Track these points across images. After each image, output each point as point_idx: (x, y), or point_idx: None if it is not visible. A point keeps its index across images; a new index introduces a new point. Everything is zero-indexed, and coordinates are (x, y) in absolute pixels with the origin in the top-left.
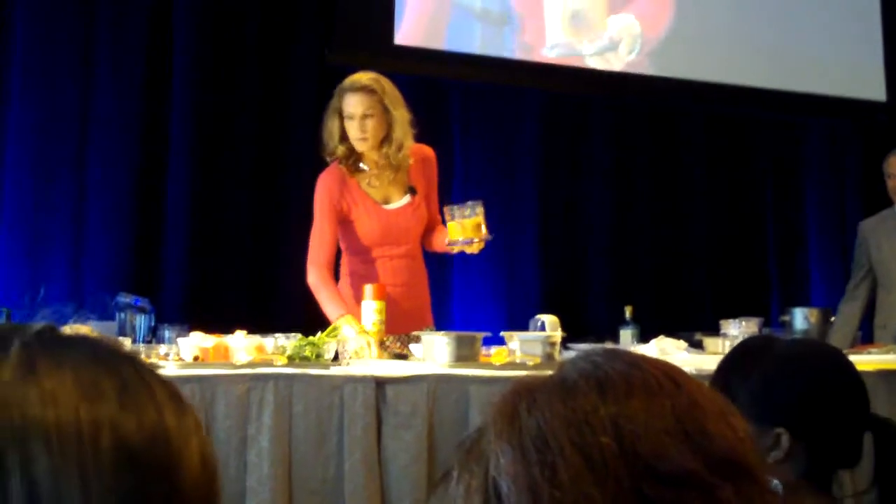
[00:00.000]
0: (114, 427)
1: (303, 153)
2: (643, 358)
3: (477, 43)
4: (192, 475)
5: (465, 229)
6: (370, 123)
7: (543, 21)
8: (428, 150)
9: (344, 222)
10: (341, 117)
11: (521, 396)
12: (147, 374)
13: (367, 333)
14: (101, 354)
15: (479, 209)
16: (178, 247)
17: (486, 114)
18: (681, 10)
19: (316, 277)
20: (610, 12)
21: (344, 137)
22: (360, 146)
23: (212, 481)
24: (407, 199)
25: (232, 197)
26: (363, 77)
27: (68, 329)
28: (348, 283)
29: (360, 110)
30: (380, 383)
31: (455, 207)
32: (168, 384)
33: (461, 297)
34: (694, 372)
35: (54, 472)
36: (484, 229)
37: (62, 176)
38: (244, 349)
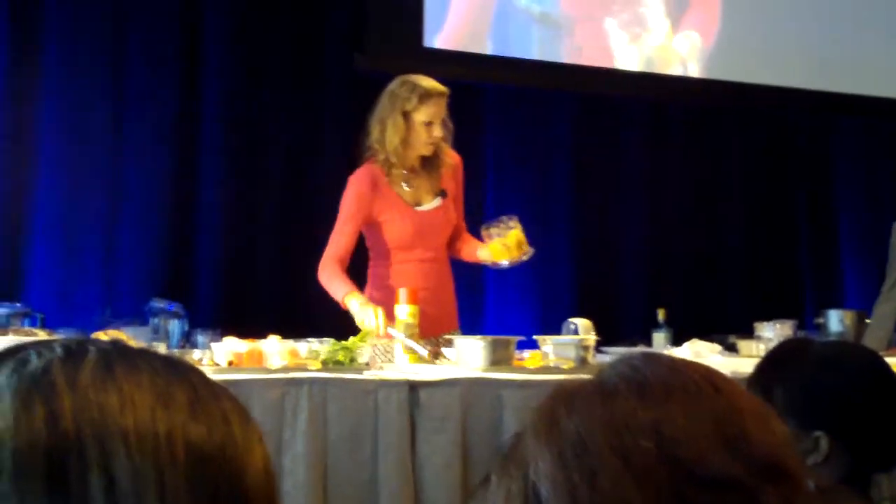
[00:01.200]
0: (187, 434)
1: (335, 157)
2: (682, 362)
3: (525, 47)
4: (257, 483)
5: (509, 249)
6: (441, 129)
7: (595, 26)
8: (456, 156)
9: (373, 225)
10: (405, 118)
11: (559, 401)
12: (212, 384)
13: (374, 306)
14: (171, 364)
15: (515, 223)
16: (211, 251)
17: (518, 116)
18: (727, 15)
19: (324, 267)
20: (669, 21)
21: (406, 140)
22: (427, 150)
23: (272, 490)
24: (438, 201)
25: (264, 201)
26: (436, 83)
27: (103, 335)
28: (375, 287)
29: (440, 116)
30: (413, 387)
31: (492, 226)
32: (230, 395)
33: (494, 299)
34: (729, 375)
35: (132, 472)
36: (526, 245)
37: (95, 182)
38: (278, 354)
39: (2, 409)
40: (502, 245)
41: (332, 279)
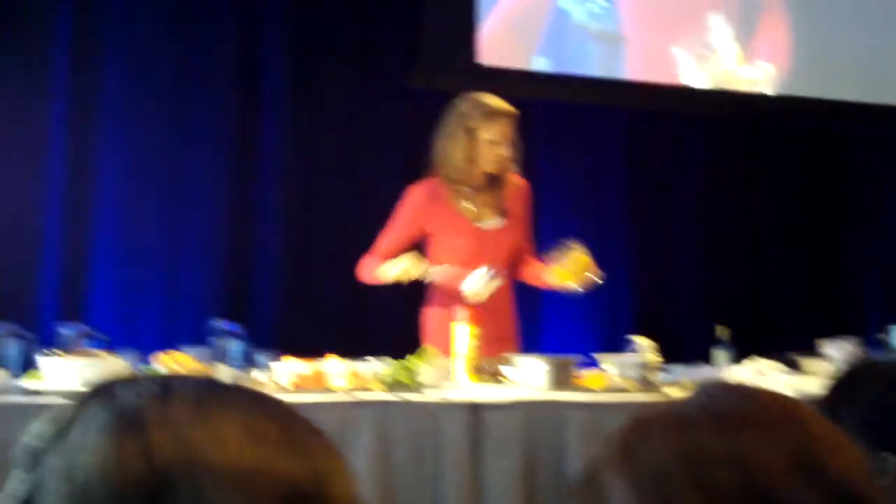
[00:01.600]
0: (278, 469)
1: (391, 174)
2: (759, 390)
3: (580, 64)
4: None
5: (576, 272)
6: (508, 149)
7: (655, 45)
8: (522, 180)
9: (430, 239)
10: (469, 135)
11: (636, 429)
12: (300, 418)
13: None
14: (260, 399)
15: (578, 246)
16: (268, 271)
17: (572, 134)
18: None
19: (366, 263)
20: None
21: (469, 157)
22: (492, 168)
23: None
24: (501, 220)
25: (321, 219)
26: (504, 103)
27: (165, 356)
28: (434, 306)
29: (506, 136)
30: (477, 408)
31: (558, 252)
32: (318, 429)
33: (547, 317)
34: (794, 394)
35: None
36: (593, 267)
37: (156, 204)
38: (341, 375)
39: (94, 445)
40: (568, 268)
41: (375, 268)
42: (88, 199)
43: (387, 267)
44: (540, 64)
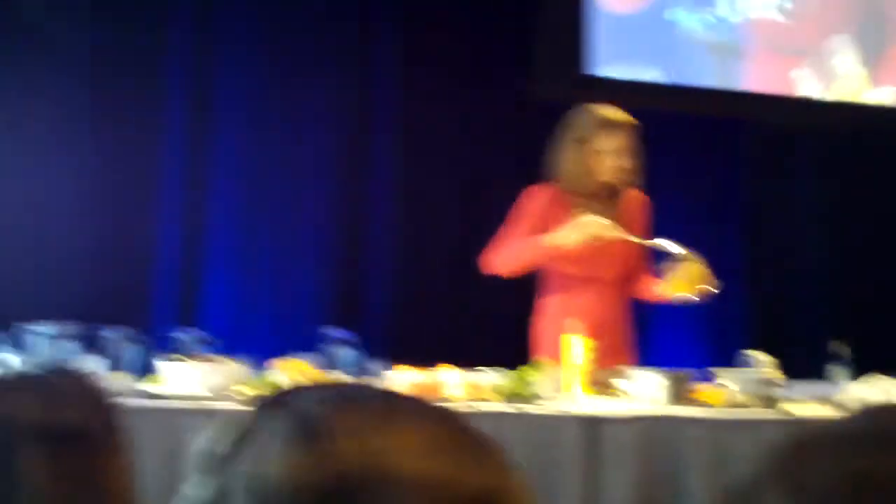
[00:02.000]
0: (463, 480)
1: (503, 183)
2: None
3: (696, 75)
4: None
5: (691, 282)
6: (626, 160)
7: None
8: (642, 194)
9: None
10: (583, 145)
11: (800, 449)
12: (477, 432)
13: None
14: (440, 412)
15: (693, 255)
16: (380, 279)
17: (685, 143)
18: None
19: (494, 251)
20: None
21: (583, 168)
22: (608, 178)
23: None
24: (619, 231)
25: (433, 227)
26: (620, 113)
27: (284, 363)
28: (546, 316)
29: (623, 146)
30: (595, 421)
31: (671, 261)
32: (493, 442)
33: (654, 330)
34: None
35: None
36: (709, 276)
37: (268, 211)
38: (457, 385)
39: (279, 453)
40: (682, 278)
41: (512, 247)
42: (202, 206)
43: (534, 246)
44: (650, 75)
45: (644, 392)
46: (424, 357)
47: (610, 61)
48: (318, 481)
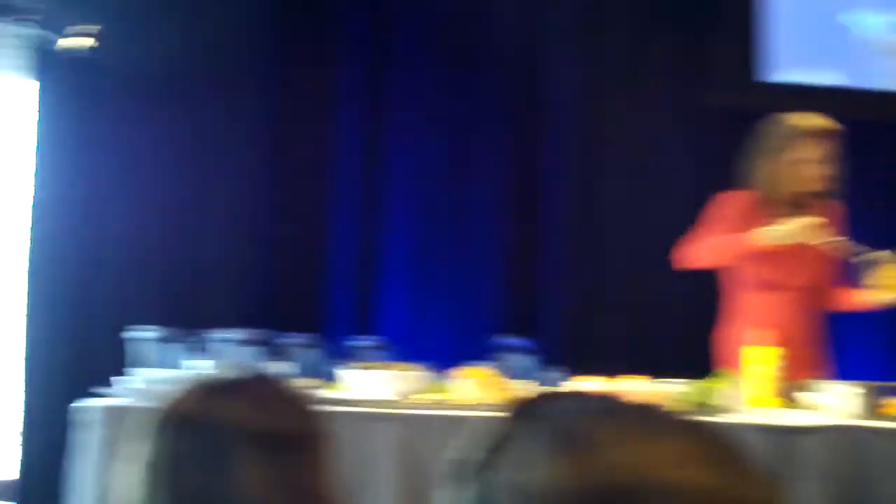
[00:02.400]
0: (726, 494)
1: (682, 192)
2: None
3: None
4: None
5: (893, 288)
6: (821, 167)
7: None
8: (838, 203)
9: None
10: (775, 155)
11: None
12: (735, 444)
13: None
14: (696, 423)
15: (891, 257)
16: (557, 289)
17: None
18: None
19: (693, 245)
20: None
21: (774, 177)
22: (803, 187)
23: None
24: (817, 239)
25: (609, 235)
26: (812, 121)
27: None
28: (735, 323)
29: (817, 154)
30: (786, 432)
31: (868, 269)
32: (746, 454)
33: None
34: None
35: None
36: None
37: (441, 221)
38: (643, 395)
39: (540, 462)
40: (882, 282)
41: (711, 242)
42: (378, 213)
43: (738, 241)
44: (828, 79)
45: (834, 404)
46: (601, 365)
47: (786, 66)
48: (583, 490)
